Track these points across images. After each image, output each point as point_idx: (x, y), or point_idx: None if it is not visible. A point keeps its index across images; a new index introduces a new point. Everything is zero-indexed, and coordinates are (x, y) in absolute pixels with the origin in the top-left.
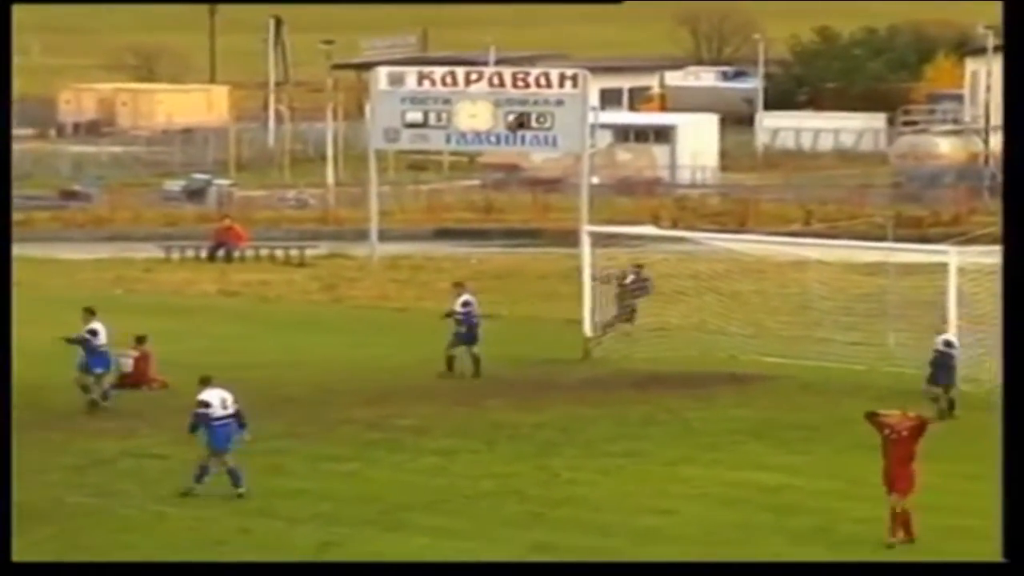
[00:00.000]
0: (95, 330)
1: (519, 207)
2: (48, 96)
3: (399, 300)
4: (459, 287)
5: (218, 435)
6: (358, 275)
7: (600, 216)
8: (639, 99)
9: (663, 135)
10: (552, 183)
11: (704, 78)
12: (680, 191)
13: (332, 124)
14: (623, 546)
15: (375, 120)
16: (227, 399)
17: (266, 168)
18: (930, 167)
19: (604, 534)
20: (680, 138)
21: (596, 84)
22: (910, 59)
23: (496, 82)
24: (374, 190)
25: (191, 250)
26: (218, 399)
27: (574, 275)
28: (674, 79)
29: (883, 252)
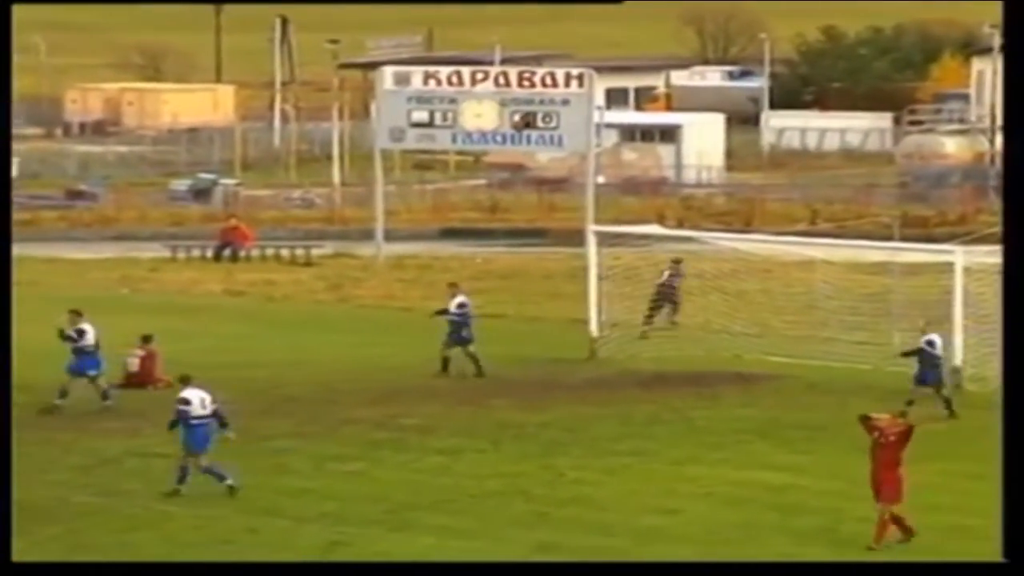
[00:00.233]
0: (83, 330)
1: (525, 207)
2: (54, 95)
3: (405, 300)
4: (454, 287)
5: (196, 435)
6: (364, 275)
7: (606, 216)
8: (645, 99)
9: (669, 135)
10: (558, 182)
11: (710, 78)
12: (686, 191)
13: (338, 124)
14: (628, 545)
15: (381, 119)
16: (206, 399)
17: (272, 168)
18: (936, 167)
19: (609, 533)
20: (686, 138)
21: (602, 84)
22: (916, 58)
23: (502, 82)
24: (380, 190)
25: (197, 250)
26: (198, 398)
27: (579, 275)
28: (680, 79)
29: (889, 252)
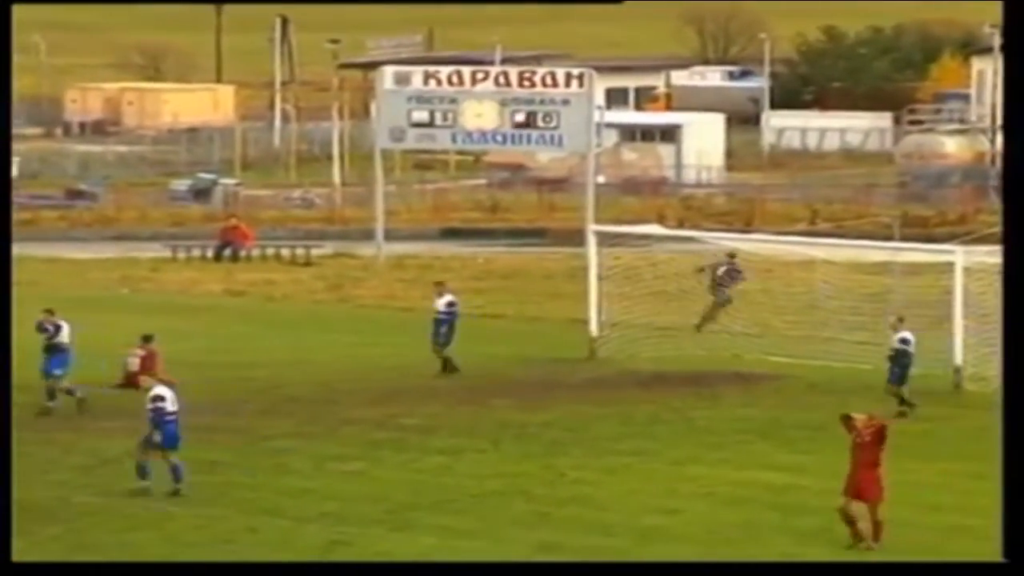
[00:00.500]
0: (60, 326)
1: (525, 206)
2: (54, 95)
3: (405, 300)
4: (440, 286)
5: (170, 431)
6: (364, 275)
7: (606, 215)
8: (645, 98)
9: (669, 134)
10: (558, 182)
11: (710, 77)
12: (686, 190)
13: (338, 123)
14: (629, 545)
15: (381, 119)
16: (174, 396)
17: (272, 167)
18: (936, 166)
19: (610, 533)
20: (686, 137)
21: (602, 83)
22: (916, 58)
23: (502, 81)
24: (380, 189)
25: (197, 249)
26: (169, 395)
27: (580, 274)
28: (680, 78)
29: (889, 252)
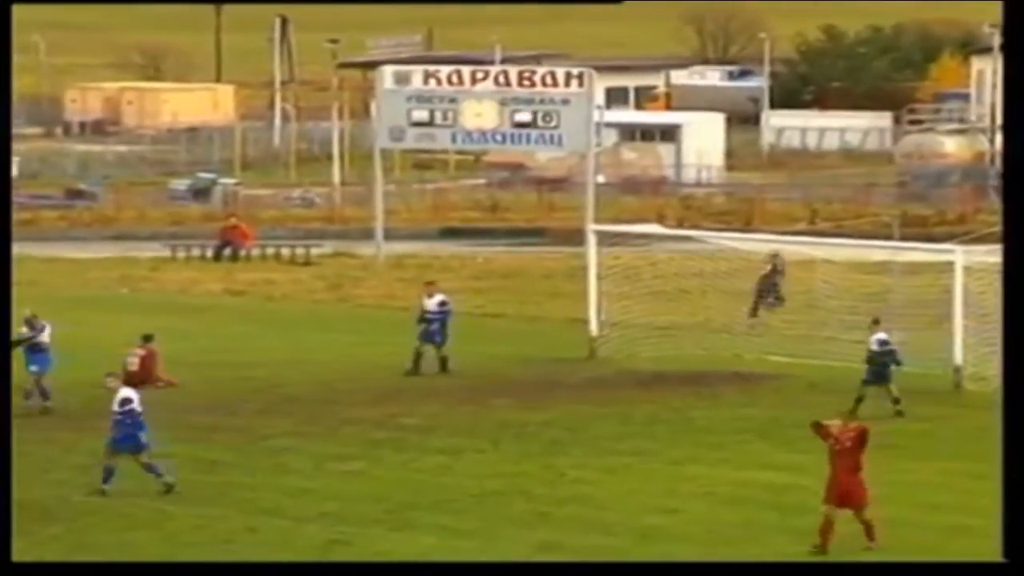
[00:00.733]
0: (43, 325)
1: (524, 206)
2: (54, 95)
3: (405, 299)
4: (430, 286)
5: (138, 433)
6: (363, 274)
7: (605, 215)
8: (645, 98)
9: (669, 134)
10: (557, 182)
11: (710, 77)
12: (685, 190)
13: (338, 123)
14: (629, 545)
15: (381, 119)
16: (138, 396)
17: (272, 167)
18: (936, 166)
19: (610, 533)
20: (685, 137)
21: (602, 83)
22: (916, 58)
23: (502, 81)
24: (379, 189)
25: (197, 249)
26: (136, 396)
27: (579, 274)
28: (680, 78)
29: (889, 251)
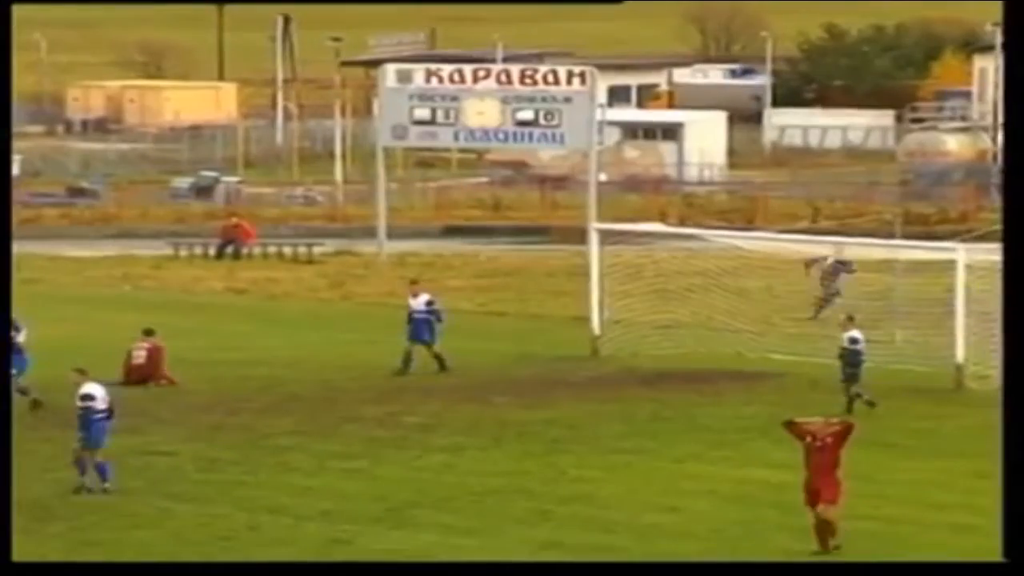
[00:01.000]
0: (19, 327)
1: (527, 204)
2: (56, 93)
3: (406, 298)
4: (415, 286)
5: (99, 430)
6: (366, 272)
7: (608, 213)
8: (647, 96)
9: (671, 132)
10: (560, 180)
11: (712, 75)
12: (688, 188)
13: (340, 121)
14: (630, 543)
15: (383, 117)
16: (104, 394)
17: (274, 165)
18: (938, 164)
19: (611, 531)
20: (688, 135)
21: (604, 81)
22: (918, 56)
23: (504, 79)
24: (382, 187)
25: (199, 247)
26: (100, 393)
27: (582, 272)
28: (682, 76)
29: (891, 249)
